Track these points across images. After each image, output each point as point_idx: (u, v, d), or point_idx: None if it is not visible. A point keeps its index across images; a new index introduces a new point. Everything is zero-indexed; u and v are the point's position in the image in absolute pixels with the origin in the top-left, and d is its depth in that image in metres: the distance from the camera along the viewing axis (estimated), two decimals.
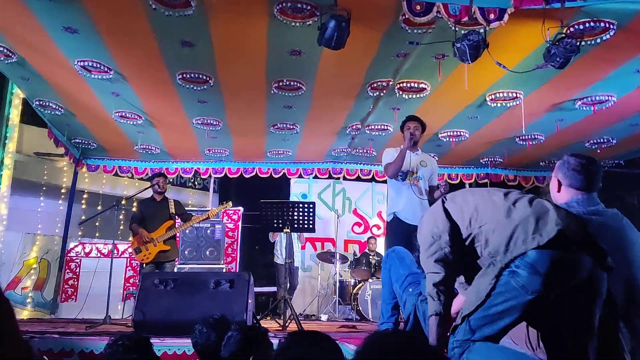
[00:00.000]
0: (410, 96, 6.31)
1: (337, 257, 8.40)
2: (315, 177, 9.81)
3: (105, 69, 5.85)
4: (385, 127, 7.51)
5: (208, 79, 6.01)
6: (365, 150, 8.83)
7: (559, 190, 2.59)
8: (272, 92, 6.29)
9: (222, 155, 9.12)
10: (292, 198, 9.72)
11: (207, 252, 7.93)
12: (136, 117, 7.28)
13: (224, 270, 7.97)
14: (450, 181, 9.83)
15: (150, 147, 8.66)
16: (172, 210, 6.58)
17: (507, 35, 4.88)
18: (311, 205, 5.22)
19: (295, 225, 5.15)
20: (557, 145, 7.98)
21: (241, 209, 9.70)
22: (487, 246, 2.24)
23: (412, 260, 3.16)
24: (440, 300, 2.30)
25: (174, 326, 3.86)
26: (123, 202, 6.17)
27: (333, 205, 9.85)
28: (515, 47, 5.20)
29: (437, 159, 9.01)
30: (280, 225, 5.13)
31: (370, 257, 8.78)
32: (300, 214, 5.13)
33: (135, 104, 6.88)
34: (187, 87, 6.15)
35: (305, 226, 5.21)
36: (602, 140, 7.75)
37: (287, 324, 5.05)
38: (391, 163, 4.90)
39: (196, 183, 13.81)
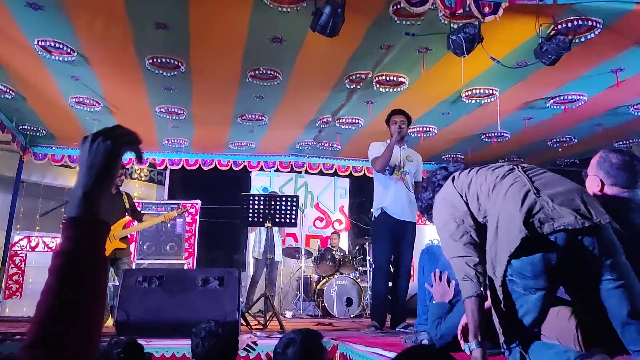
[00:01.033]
0: (387, 90, 6.22)
1: (303, 253, 8.24)
2: (277, 170, 9.60)
3: (68, 50, 5.44)
4: (356, 121, 7.40)
5: (179, 64, 5.70)
6: (330, 144, 8.70)
7: (601, 190, 2.52)
8: (247, 80, 6.04)
9: (180, 146, 8.77)
10: (253, 191, 9.48)
11: (168, 247, 7.61)
12: (94, 103, 6.85)
13: (185, 267, 7.67)
14: None
15: None
16: (127, 205, 6.22)
17: (489, 30, 4.83)
18: (294, 199, 5.03)
19: (277, 220, 4.95)
20: (520, 143, 8.11)
21: (199, 202, 9.36)
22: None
23: (444, 265, 3.04)
24: (480, 281, 2.22)
25: (163, 327, 3.60)
26: None
27: None
28: (498, 41, 5.17)
29: None
30: (261, 220, 4.92)
31: (334, 252, 8.66)
32: (283, 207, 4.93)
33: (95, 89, 6.47)
34: (156, 73, 5.83)
35: (287, 220, 5.02)
36: (564, 139, 7.92)
37: (267, 323, 4.85)
38: (379, 157, 4.78)
39: (142, 175, 13.29)
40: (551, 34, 4.40)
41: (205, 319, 3.57)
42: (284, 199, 4.99)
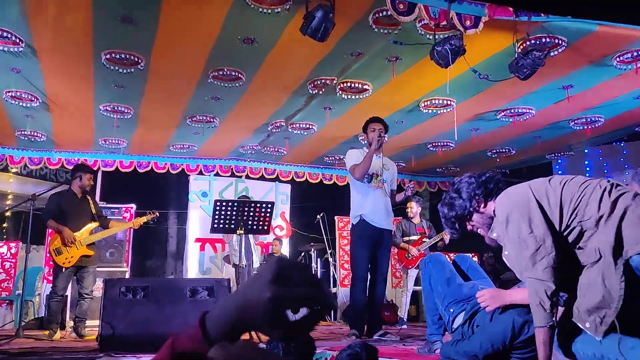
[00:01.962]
0: (349, 96, 6.22)
1: (254, 259, 8.03)
2: (217, 174, 9.33)
3: (17, 40, 5.00)
4: (310, 127, 7.35)
5: (139, 61, 5.40)
6: (277, 149, 8.58)
7: None
8: (208, 81, 5.83)
9: (118, 146, 8.31)
10: (191, 196, 9.16)
11: (107, 254, 7.18)
12: (32, 98, 6.34)
13: (127, 274, 7.28)
14: None
15: (35, 134, 7.61)
16: (93, 210, 5.83)
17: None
18: (269, 205, 4.88)
19: (249, 227, 4.78)
20: (463, 152, 8.40)
21: (134, 206, 8.90)
22: (590, 241, 2.19)
23: (451, 271, 3.03)
24: (553, 312, 2.19)
25: (152, 341, 3.35)
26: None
27: None
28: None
29: (344, 160, 9.10)
30: (233, 227, 4.73)
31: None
32: (257, 214, 4.77)
33: (36, 83, 5.99)
34: (112, 69, 5.48)
35: (260, 227, 4.86)
36: (503, 150, 8.30)
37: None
38: (358, 165, 4.76)
39: (57, 176, 12.48)
40: (528, 49, 4.57)
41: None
42: (257, 204, 4.83)
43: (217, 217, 4.70)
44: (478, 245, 10.27)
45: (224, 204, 4.73)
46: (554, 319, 2.19)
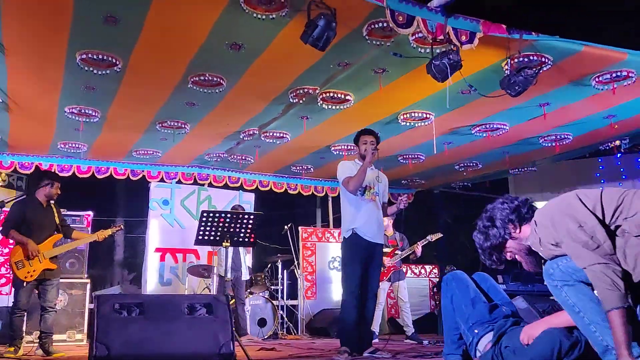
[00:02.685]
0: (329, 107, 6.14)
1: (215, 271, 7.78)
2: (179, 182, 9.03)
3: None
4: (283, 135, 7.21)
5: (116, 62, 5.13)
6: (244, 157, 8.39)
7: None
8: (187, 86, 5.62)
9: (77, 151, 7.91)
10: (152, 204, 8.81)
11: (67, 264, 6.80)
12: None
13: (88, 285, 6.91)
14: (317, 194, 9.90)
15: None
16: (57, 220, 5.48)
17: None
18: (256, 217, 4.71)
19: (235, 239, 4.59)
20: (432, 165, 8.46)
21: (91, 214, 8.47)
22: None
23: (475, 291, 2.97)
24: (626, 292, 2.16)
25: None
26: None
27: (197, 213, 9.11)
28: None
29: (312, 170, 9.02)
30: (219, 239, 4.53)
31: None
32: (244, 225, 4.59)
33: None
34: (86, 70, 5.19)
35: (246, 240, 4.68)
36: (471, 164, 8.42)
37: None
38: (353, 177, 4.66)
39: (1, 179, 11.79)
40: (520, 67, 4.62)
41: (197, 352, 3.20)
42: (245, 216, 4.65)
43: (202, 228, 4.49)
44: (437, 258, 10.34)
45: (211, 215, 4.53)
46: (627, 299, 2.16)
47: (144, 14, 4.40)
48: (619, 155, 9.94)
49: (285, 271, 8.66)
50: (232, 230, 4.57)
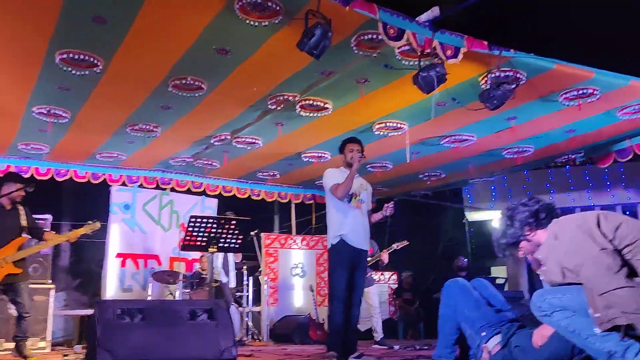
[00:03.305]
0: (307, 114, 6.20)
1: (181, 277, 7.68)
2: (141, 186, 8.85)
3: None
4: (255, 141, 7.21)
5: (97, 63, 5.03)
6: (210, 162, 8.32)
7: None
8: (168, 89, 5.57)
9: (38, 152, 7.65)
10: (113, 208, 8.59)
11: (31, 269, 6.53)
12: None
13: (52, 291, 6.69)
14: (281, 200, 9.92)
15: None
16: (24, 222, 5.29)
17: None
18: (244, 223, 4.71)
19: (222, 244, 4.57)
20: (397, 174, 8.65)
21: (49, 217, 8.18)
22: None
23: (477, 296, 3.08)
24: None
25: None
26: None
27: (159, 218, 8.97)
28: None
29: (278, 176, 9.05)
30: (205, 244, 4.50)
31: (203, 276, 8.24)
32: (231, 231, 4.58)
33: None
34: (64, 70, 5.07)
35: (232, 245, 4.67)
36: (435, 173, 8.67)
37: None
38: (340, 185, 4.73)
39: None
40: (499, 82, 4.84)
41: (200, 357, 3.20)
42: (233, 222, 4.64)
43: (190, 234, 4.46)
44: (395, 264, 10.51)
45: (199, 220, 4.50)
46: None
47: (134, 15, 4.35)
48: (567, 167, 10.49)
49: (250, 278, 8.63)
50: (218, 236, 4.55)
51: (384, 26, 4.37)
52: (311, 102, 5.97)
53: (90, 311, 8.98)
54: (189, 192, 9.20)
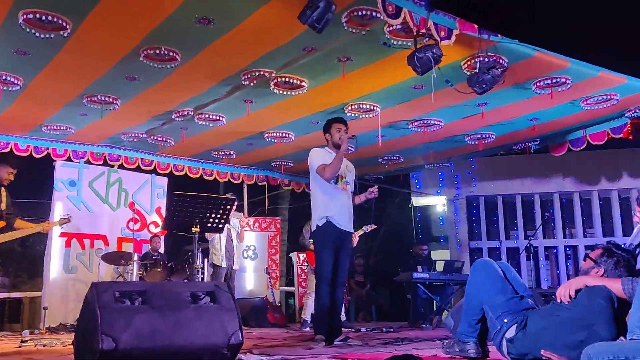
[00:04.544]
0: (280, 92, 5.99)
1: (135, 259, 7.30)
2: (88, 162, 8.34)
3: None
4: (219, 118, 6.92)
5: (66, 26, 4.63)
6: (164, 139, 7.94)
7: None
8: (139, 59, 5.21)
9: None
10: (57, 185, 8.04)
11: None
12: None
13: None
14: (233, 181, 9.65)
15: None
16: (3, 205, 4.85)
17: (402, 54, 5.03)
18: (230, 202, 4.47)
19: (205, 224, 4.33)
20: (358, 157, 8.57)
21: None
22: None
23: (505, 280, 3.02)
24: None
25: (163, 356, 2.86)
26: None
27: (107, 196, 8.48)
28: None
29: (234, 156, 8.79)
30: (187, 224, 4.24)
31: (155, 257, 7.90)
32: (215, 211, 4.33)
33: None
34: (27, 31, 4.63)
35: (215, 226, 4.43)
36: (394, 157, 8.68)
37: None
38: (329, 165, 4.58)
39: None
40: (489, 66, 4.84)
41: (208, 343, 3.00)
42: (219, 201, 4.40)
43: (171, 212, 4.20)
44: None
45: (182, 197, 4.24)
46: None
47: None
48: (511, 155, 10.74)
49: (205, 260, 8.34)
50: (201, 215, 4.31)
51: (382, 2, 4.24)
52: (287, 79, 5.76)
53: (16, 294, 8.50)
54: (138, 169, 8.76)
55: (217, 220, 4.41)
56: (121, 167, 8.65)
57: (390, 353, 3.59)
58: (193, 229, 4.30)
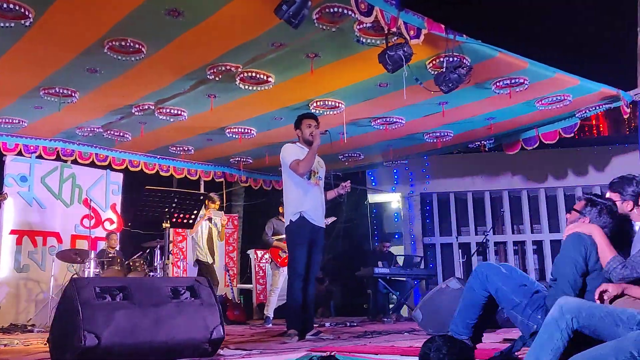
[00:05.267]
0: (246, 87, 5.96)
1: (92, 256, 7.11)
2: (40, 157, 8.05)
3: None
4: (180, 113, 6.81)
5: (28, 15, 4.46)
6: (121, 134, 7.75)
7: None
8: (104, 51, 5.08)
9: None
10: (7, 180, 7.76)
11: None
12: None
13: None
14: (190, 177, 9.51)
15: None
16: None
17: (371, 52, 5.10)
18: (201, 198, 4.42)
19: (175, 220, 4.26)
20: (320, 153, 8.60)
21: None
22: None
23: (518, 282, 3.03)
24: None
25: (145, 352, 2.82)
26: None
27: (60, 192, 8.22)
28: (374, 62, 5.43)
29: (192, 152, 8.67)
30: (157, 219, 4.16)
31: (112, 254, 7.72)
32: (185, 206, 4.27)
33: None
34: None
35: (185, 221, 4.37)
36: (354, 154, 8.76)
37: None
38: (302, 161, 4.58)
39: None
40: (455, 65, 4.96)
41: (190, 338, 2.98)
42: (189, 196, 4.34)
43: (142, 207, 4.12)
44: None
45: (153, 192, 4.17)
46: None
47: None
48: (462, 153, 10.99)
49: (163, 257, 8.19)
50: (172, 210, 4.25)
51: (355, 0, 4.29)
52: (253, 74, 5.74)
53: None
54: (93, 165, 8.52)
55: (187, 216, 4.35)
56: (75, 162, 8.39)
57: (366, 345, 3.65)
58: (163, 224, 4.23)
